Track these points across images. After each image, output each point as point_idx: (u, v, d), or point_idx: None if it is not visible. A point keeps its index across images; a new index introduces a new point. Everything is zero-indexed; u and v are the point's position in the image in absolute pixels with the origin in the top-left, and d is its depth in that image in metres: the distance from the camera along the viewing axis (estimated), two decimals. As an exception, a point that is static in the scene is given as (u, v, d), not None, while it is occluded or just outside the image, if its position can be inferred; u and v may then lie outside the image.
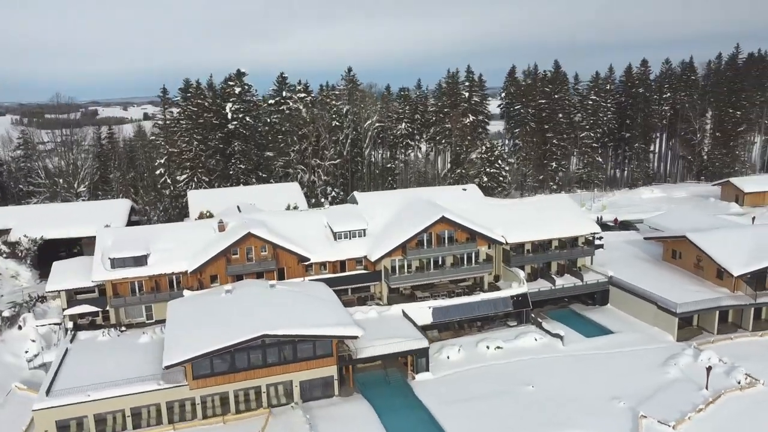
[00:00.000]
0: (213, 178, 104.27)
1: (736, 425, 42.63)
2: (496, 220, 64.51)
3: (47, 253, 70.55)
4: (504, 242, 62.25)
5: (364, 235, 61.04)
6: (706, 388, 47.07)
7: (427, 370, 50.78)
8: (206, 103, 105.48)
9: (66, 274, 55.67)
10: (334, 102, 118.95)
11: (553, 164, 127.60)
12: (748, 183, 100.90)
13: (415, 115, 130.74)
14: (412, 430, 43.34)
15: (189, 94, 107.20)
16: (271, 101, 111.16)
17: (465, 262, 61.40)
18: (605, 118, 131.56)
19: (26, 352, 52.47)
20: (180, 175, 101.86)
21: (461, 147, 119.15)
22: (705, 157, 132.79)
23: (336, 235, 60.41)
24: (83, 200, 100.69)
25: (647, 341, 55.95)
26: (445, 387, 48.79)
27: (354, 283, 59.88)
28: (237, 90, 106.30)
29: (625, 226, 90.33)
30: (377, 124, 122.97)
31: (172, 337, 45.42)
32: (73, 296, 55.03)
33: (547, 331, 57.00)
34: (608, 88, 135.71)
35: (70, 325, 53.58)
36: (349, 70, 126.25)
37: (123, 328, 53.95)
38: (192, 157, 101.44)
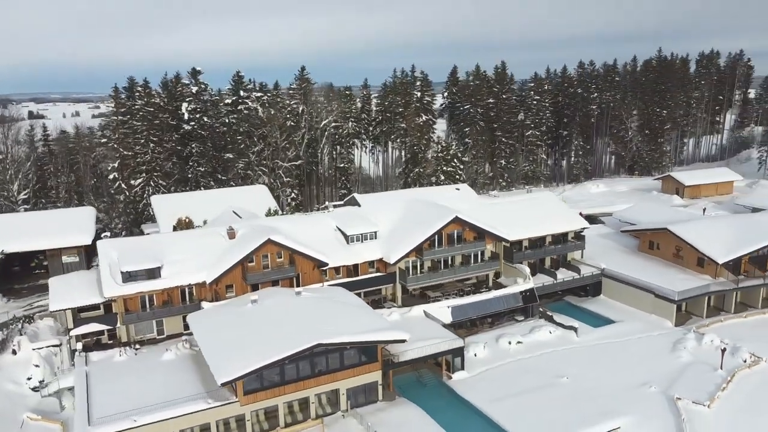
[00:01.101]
0: (171, 182, 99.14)
1: (756, 400, 46.61)
2: (494, 218, 65.87)
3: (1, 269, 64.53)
4: (509, 240, 64.03)
5: (375, 238, 60.56)
6: (721, 368, 51.12)
7: (463, 368, 51.39)
8: (161, 103, 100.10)
9: (67, 290, 51.01)
10: (288, 101, 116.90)
11: (503, 162, 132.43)
12: (688, 177, 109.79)
13: (362, 114, 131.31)
14: (472, 430, 43.75)
15: (137, 93, 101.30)
16: (228, 101, 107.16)
17: (473, 261, 62.58)
18: (544, 117, 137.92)
19: (29, 378, 47.72)
20: (134, 179, 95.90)
21: (418, 146, 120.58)
22: (635, 152, 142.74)
23: (348, 239, 59.53)
24: (26, 209, 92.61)
25: (650, 328, 59.72)
26: (484, 384, 49.65)
27: (369, 287, 59.33)
28: (194, 89, 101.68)
29: (591, 219, 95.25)
30: (333, 125, 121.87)
31: (214, 352, 43.00)
32: (76, 314, 50.54)
33: (560, 324, 59.37)
34: (546, 88, 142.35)
35: (78, 346, 49.19)
36: (302, 69, 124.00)
37: (137, 346, 50.33)
38: (148, 160, 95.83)
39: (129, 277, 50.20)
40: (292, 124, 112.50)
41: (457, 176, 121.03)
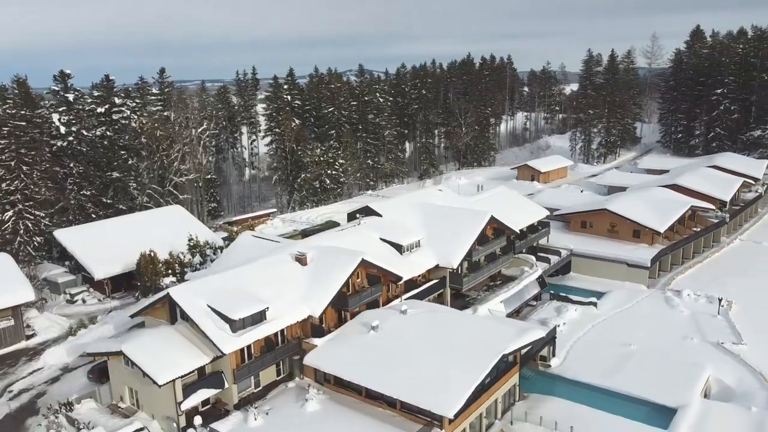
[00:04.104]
0: (52, 212, 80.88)
1: (761, 333, 59.78)
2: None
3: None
4: (517, 232, 69.04)
5: (420, 246, 59.96)
6: (718, 314, 63.93)
7: (554, 355, 54.95)
8: (27, 113, 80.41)
9: (158, 356, 40.21)
10: (153, 108, 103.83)
11: (369, 162, 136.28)
12: (542, 164, 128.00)
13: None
14: (616, 406, 47.70)
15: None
16: (100, 110, 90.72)
17: (497, 256, 66.14)
18: (392, 117, 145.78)
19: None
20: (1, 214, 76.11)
21: (303, 151, 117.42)
22: (467, 144, 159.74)
23: (402, 249, 57.86)
24: None
25: (635, 293, 70.50)
26: (578, 364, 53.91)
27: (430, 294, 58.62)
28: (71, 96, 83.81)
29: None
30: (208, 132, 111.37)
31: (407, 389, 39.67)
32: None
33: (579, 302, 66.64)
34: (386, 88, 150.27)
35: (197, 420, 39.50)
36: (162, 71, 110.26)
37: (255, 405, 42.45)
38: (22, 187, 76.77)
39: (241, 325, 41.98)
40: (162, 133, 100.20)
41: (342, 179, 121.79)
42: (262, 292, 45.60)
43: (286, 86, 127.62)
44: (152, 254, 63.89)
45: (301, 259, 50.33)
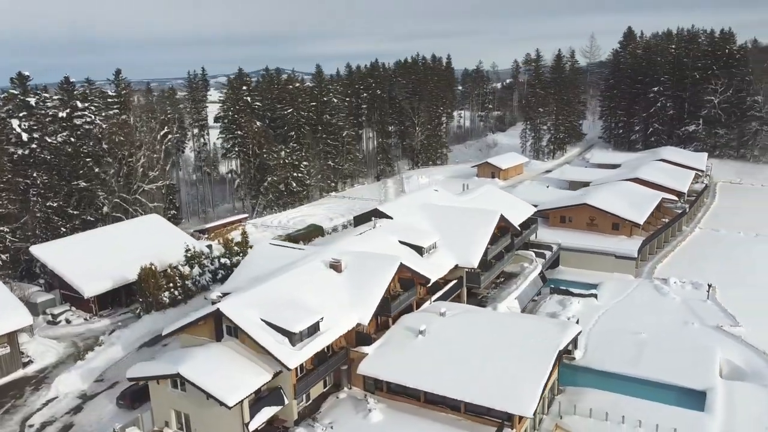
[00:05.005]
0: (16, 226, 74.74)
1: (750, 315, 64.15)
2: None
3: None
4: (519, 229, 70.54)
5: (436, 247, 60.05)
6: (707, 299, 68.11)
7: (577, 348, 56.59)
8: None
9: (221, 377, 37.92)
10: (110, 112, 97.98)
11: (330, 163, 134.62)
12: (502, 162, 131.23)
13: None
14: (647, 393, 49.78)
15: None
16: (61, 114, 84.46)
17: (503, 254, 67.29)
18: (350, 117, 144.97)
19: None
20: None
21: (268, 154, 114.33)
22: (421, 143, 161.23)
23: (422, 251, 57.71)
24: None
25: (626, 284, 73.68)
26: (598, 355, 55.70)
27: (451, 295, 58.79)
28: (32, 100, 77.38)
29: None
30: (170, 136, 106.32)
31: (480, 392, 39.66)
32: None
33: (580, 294, 68.97)
34: (339, 88, 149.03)
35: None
36: (118, 72, 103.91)
37: (325, 420, 41.05)
38: (-17, 200, 70.58)
39: (299, 338, 40.41)
40: (121, 138, 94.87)
41: (307, 182, 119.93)
42: (309, 302, 44.13)
43: (244, 87, 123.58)
44: (153, 267, 60.20)
45: (336, 266, 49.07)
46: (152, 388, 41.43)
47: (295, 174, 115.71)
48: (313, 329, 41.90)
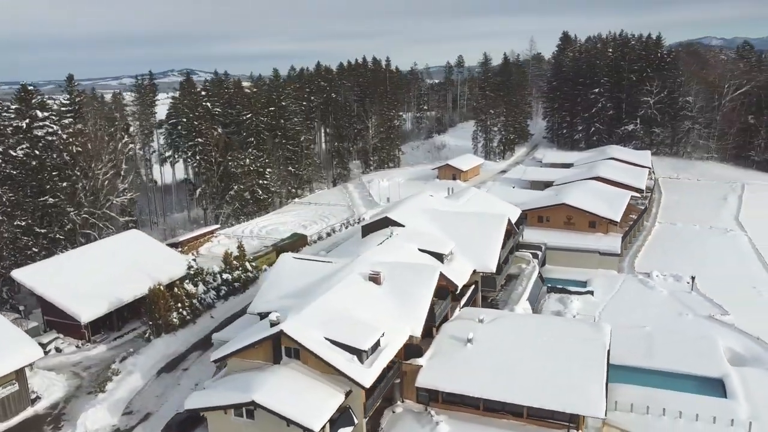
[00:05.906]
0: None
1: (736, 304, 68.89)
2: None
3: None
4: (518, 231, 72.23)
5: (453, 253, 60.43)
6: (692, 290, 72.61)
7: (593, 345, 58.74)
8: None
9: (297, 401, 36.41)
10: (65, 121, 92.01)
11: (290, 168, 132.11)
12: (461, 163, 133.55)
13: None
14: (670, 383, 52.45)
15: None
16: (18, 124, 78.15)
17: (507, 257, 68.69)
18: (306, 122, 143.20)
19: None
20: None
21: (233, 161, 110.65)
22: (374, 146, 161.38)
23: (442, 258, 57.90)
24: None
25: (613, 279, 77.22)
26: (614, 350, 57.00)
27: (471, 300, 59.37)
28: (-6, 110, 71.11)
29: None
30: (131, 145, 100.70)
31: (546, 397, 40.47)
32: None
33: (577, 292, 71.61)
34: (291, 92, 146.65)
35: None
36: (70, 78, 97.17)
37: (386, 436, 40.45)
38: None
39: (366, 355, 39.60)
40: (79, 149, 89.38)
41: (273, 189, 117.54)
42: (362, 317, 43.33)
43: (203, 92, 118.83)
44: (161, 288, 56.90)
45: (375, 278, 48.42)
46: (211, 418, 39.23)
47: (260, 181, 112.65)
48: (376, 345, 41.19)
